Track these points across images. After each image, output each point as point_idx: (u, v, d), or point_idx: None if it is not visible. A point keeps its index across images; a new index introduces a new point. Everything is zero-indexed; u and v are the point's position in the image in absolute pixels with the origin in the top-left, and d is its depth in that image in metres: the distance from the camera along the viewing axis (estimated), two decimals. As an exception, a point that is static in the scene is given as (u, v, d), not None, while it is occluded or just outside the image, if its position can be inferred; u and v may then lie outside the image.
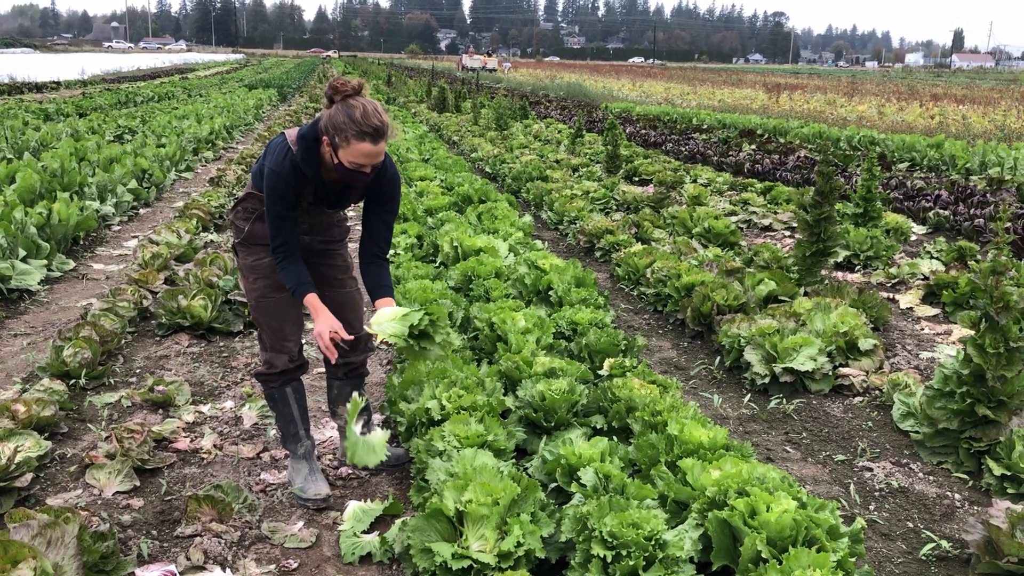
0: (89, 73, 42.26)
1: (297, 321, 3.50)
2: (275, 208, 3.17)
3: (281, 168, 3.14)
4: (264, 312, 3.42)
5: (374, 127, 2.97)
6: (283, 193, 3.15)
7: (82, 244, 7.98)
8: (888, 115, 21.74)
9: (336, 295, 3.53)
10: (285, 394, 3.53)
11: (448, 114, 22.73)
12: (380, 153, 3.04)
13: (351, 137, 2.97)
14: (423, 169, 11.11)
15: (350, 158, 3.01)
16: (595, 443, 3.51)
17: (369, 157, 3.02)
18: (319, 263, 3.50)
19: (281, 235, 3.21)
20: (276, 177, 3.14)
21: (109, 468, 3.65)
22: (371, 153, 3.01)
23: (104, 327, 5.08)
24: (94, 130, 15.77)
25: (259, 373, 3.54)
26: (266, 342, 3.49)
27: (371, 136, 2.97)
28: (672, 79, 45.50)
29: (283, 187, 3.14)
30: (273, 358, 3.48)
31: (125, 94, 26.72)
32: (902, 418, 4.31)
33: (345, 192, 3.32)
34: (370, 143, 2.98)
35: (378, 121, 2.98)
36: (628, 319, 6.22)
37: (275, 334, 3.45)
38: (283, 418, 3.57)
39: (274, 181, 3.14)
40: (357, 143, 2.98)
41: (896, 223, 8.60)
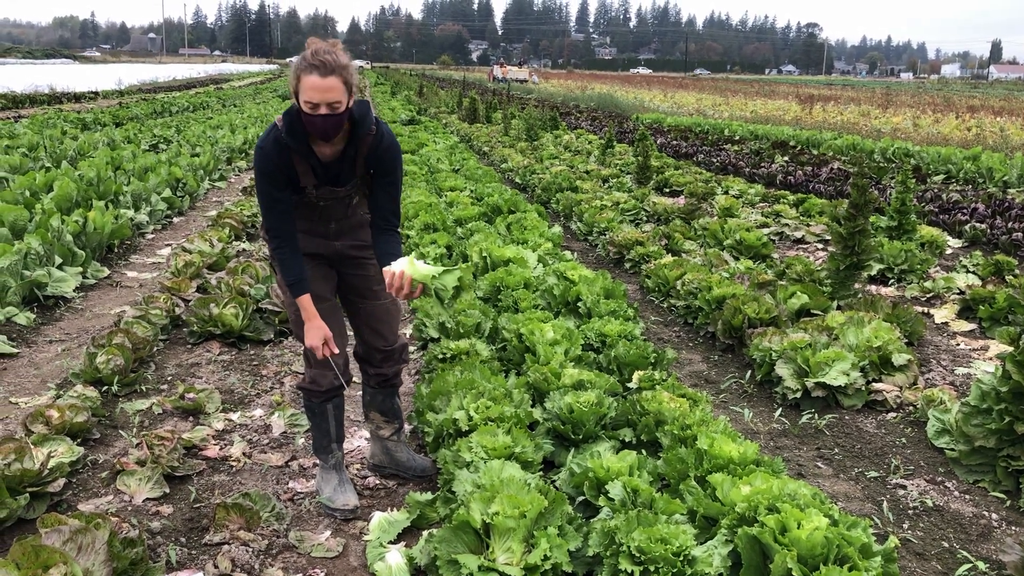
0: (126, 83, 42.95)
1: (341, 333, 3.44)
2: (264, 188, 3.14)
3: (265, 144, 3.11)
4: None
5: (321, 61, 2.90)
6: (269, 171, 3.10)
7: (116, 252, 8.08)
8: (923, 127, 21.49)
9: (369, 306, 3.50)
10: (325, 410, 3.52)
11: (479, 125, 22.80)
12: (331, 89, 2.91)
13: (301, 74, 2.93)
14: (453, 179, 11.14)
15: (304, 98, 2.93)
16: (623, 456, 3.49)
17: (319, 92, 2.91)
18: (351, 273, 3.46)
19: (272, 218, 3.17)
20: (260, 154, 3.11)
21: (139, 475, 3.68)
22: (319, 87, 2.90)
23: (137, 334, 5.13)
24: (130, 139, 16.01)
25: (303, 387, 3.52)
26: (311, 358, 3.43)
27: (318, 69, 2.90)
28: (704, 90, 45.33)
29: (268, 164, 3.09)
30: (319, 376, 3.44)
31: (161, 104, 27.12)
32: (937, 435, 4.23)
33: (343, 165, 3.21)
34: (317, 76, 2.90)
35: (328, 57, 2.91)
36: (658, 331, 6.18)
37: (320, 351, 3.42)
38: (318, 431, 3.57)
39: (258, 158, 3.12)
40: (306, 77, 2.91)
41: (931, 236, 8.47)
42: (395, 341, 3.61)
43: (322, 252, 3.37)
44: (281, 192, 3.14)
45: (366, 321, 3.52)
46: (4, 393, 4.73)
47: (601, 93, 39.33)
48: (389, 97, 37.93)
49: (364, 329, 3.56)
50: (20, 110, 26.43)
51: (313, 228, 3.33)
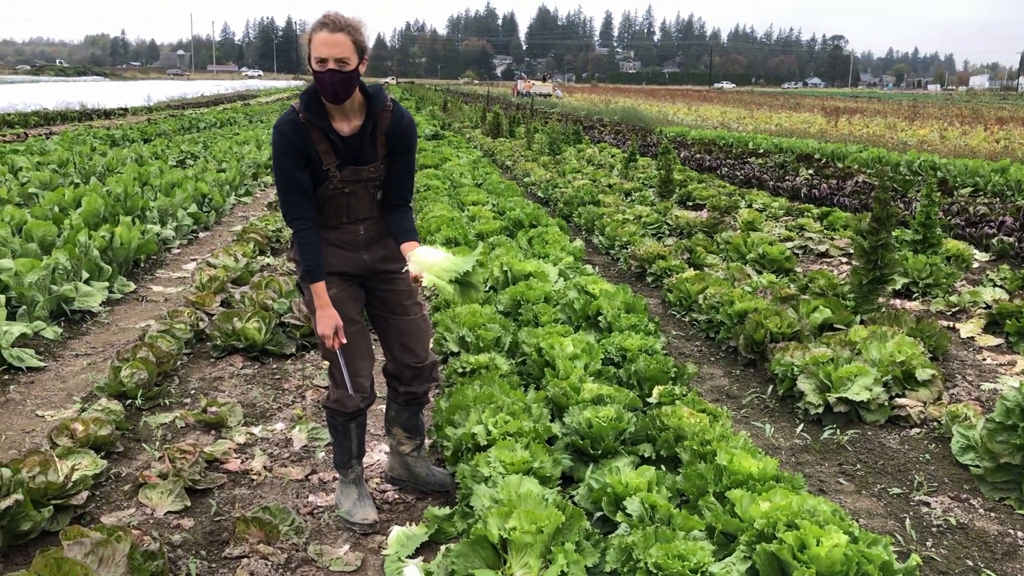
0: (155, 100, 43.57)
1: (369, 356, 3.46)
2: (281, 167, 3.12)
3: (281, 123, 3.13)
4: (330, 352, 3.36)
5: (331, 19, 3.01)
6: (287, 149, 3.10)
7: (143, 267, 8.18)
8: (950, 139, 21.29)
9: (400, 322, 3.49)
10: (348, 429, 3.53)
11: (502, 139, 22.88)
12: (338, 44, 2.99)
13: (311, 33, 3.03)
14: (475, 194, 11.18)
15: (314, 55, 3.00)
16: (642, 472, 3.48)
17: (327, 47, 2.99)
18: (381, 289, 3.45)
19: (291, 199, 3.16)
20: (277, 132, 3.12)
21: (161, 488, 3.71)
22: (327, 42, 2.99)
23: (161, 348, 5.19)
24: (157, 155, 16.23)
25: (328, 407, 3.52)
26: (337, 379, 3.43)
27: (327, 26, 3.00)
28: (728, 103, 45.23)
29: (285, 143, 3.10)
30: (345, 398, 3.43)
31: (188, 120, 27.48)
32: (961, 451, 4.18)
33: (363, 141, 3.20)
34: (327, 32, 2.99)
35: (336, 15, 3.03)
36: (679, 346, 6.16)
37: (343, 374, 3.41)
38: (340, 448, 3.58)
39: (276, 137, 3.12)
40: (315, 34, 3.00)
41: (957, 250, 8.39)
42: (426, 358, 3.58)
43: (352, 271, 3.35)
44: (300, 172, 3.13)
45: (396, 337, 3.50)
46: (31, 406, 4.80)
47: (625, 107, 39.35)
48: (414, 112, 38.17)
49: (395, 345, 3.53)
50: (52, 127, 26.90)
51: (341, 236, 3.30)
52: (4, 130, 24.62)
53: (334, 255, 3.30)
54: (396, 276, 3.43)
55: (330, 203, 3.24)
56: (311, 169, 3.15)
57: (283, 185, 3.15)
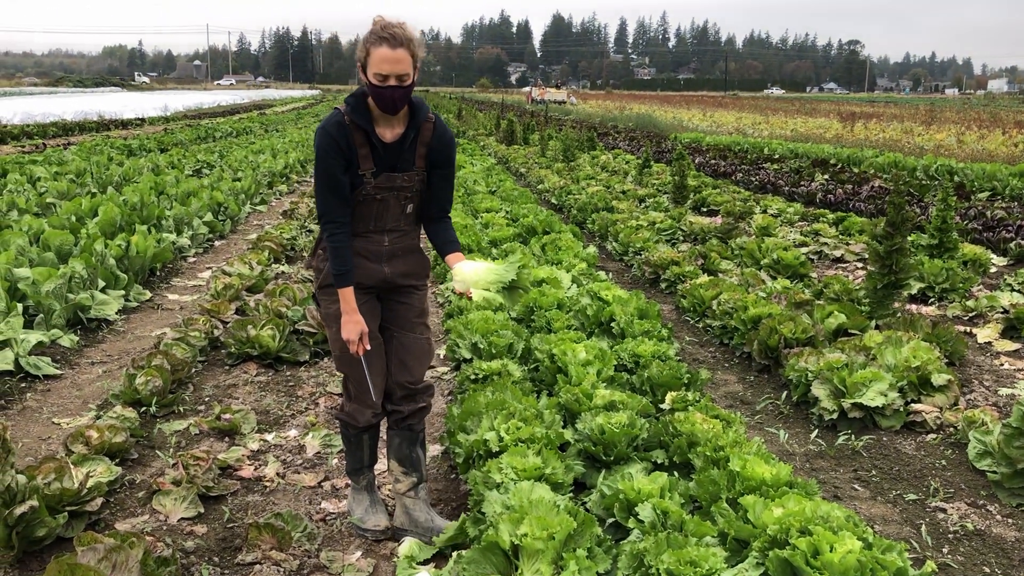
0: (172, 110, 43.87)
1: (383, 373, 3.41)
2: (324, 169, 3.11)
3: (327, 124, 3.12)
4: (350, 364, 3.33)
5: (391, 33, 2.96)
6: (332, 151, 3.09)
7: (159, 275, 8.24)
8: (968, 143, 21.15)
9: (405, 338, 3.43)
10: (361, 440, 3.54)
11: (516, 146, 22.91)
12: (400, 61, 2.97)
13: (370, 46, 2.98)
14: (489, 201, 11.20)
15: (374, 69, 2.97)
16: (655, 478, 3.46)
17: (389, 63, 2.96)
18: (396, 300, 3.42)
19: (330, 202, 3.13)
20: (322, 134, 3.11)
21: (175, 495, 3.73)
22: (390, 59, 2.95)
23: (175, 356, 5.22)
24: (174, 165, 16.35)
25: (341, 419, 3.52)
26: (351, 392, 3.43)
27: (388, 41, 2.95)
28: (743, 109, 45.12)
29: (331, 144, 3.09)
30: (357, 412, 3.43)
31: (205, 130, 27.67)
32: (978, 457, 4.14)
33: (403, 149, 3.20)
34: (388, 48, 2.95)
35: (397, 30, 2.97)
36: (693, 352, 6.14)
37: (360, 386, 3.37)
38: (352, 457, 3.59)
39: (320, 139, 3.10)
40: (376, 49, 2.96)
41: (974, 254, 8.32)
42: (420, 380, 3.49)
43: (370, 283, 3.30)
44: (342, 175, 3.11)
45: (396, 352, 3.43)
46: (47, 414, 4.84)
47: (640, 113, 39.32)
48: (428, 120, 38.17)
49: (393, 360, 3.44)
50: (70, 137, 27.17)
51: (366, 246, 3.26)
52: (23, 141, 24.89)
53: (356, 266, 3.26)
54: (413, 291, 3.42)
55: (360, 209, 3.21)
56: (350, 174, 3.15)
57: (324, 187, 3.13)
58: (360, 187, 3.16)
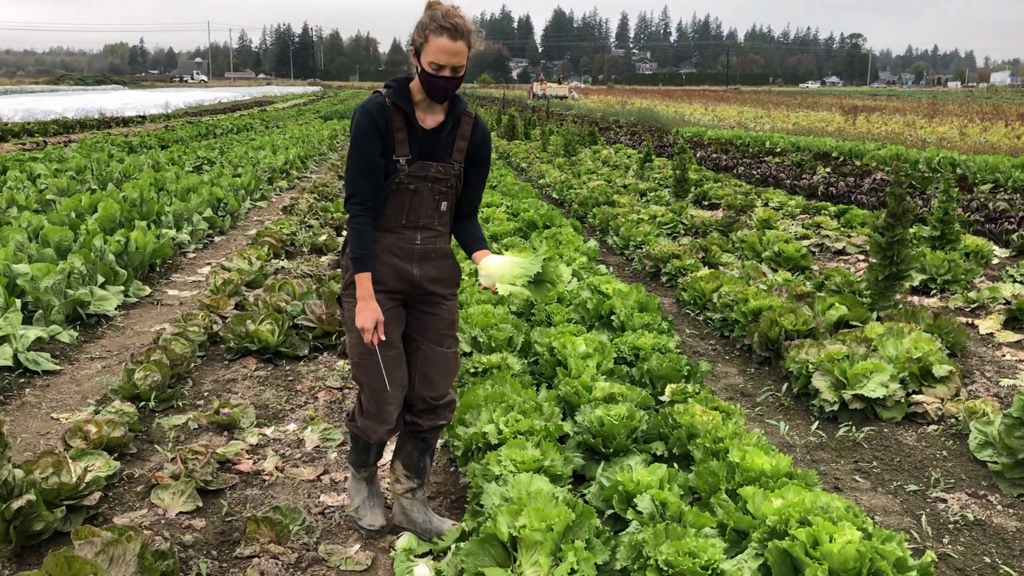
0: (173, 107, 43.89)
1: (403, 383, 3.24)
2: (359, 149, 3.02)
3: (368, 104, 3.04)
4: (367, 372, 3.15)
5: (453, 23, 2.90)
6: (371, 131, 3.00)
7: (158, 271, 8.23)
8: (970, 136, 21.10)
9: (432, 352, 3.26)
10: (370, 448, 3.44)
11: (517, 141, 22.89)
12: (458, 53, 2.92)
13: (430, 34, 2.91)
14: (490, 195, 11.18)
15: (430, 58, 2.91)
16: (653, 470, 3.45)
17: (448, 55, 2.90)
18: (424, 310, 3.24)
19: (360, 183, 3.03)
20: (362, 113, 3.02)
21: (173, 489, 3.72)
22: (449, 50, 2.90)
23: (174, 351, 5.21)
24: (174, 161, 16.34)
25: (352, 432, 3.39)
26: (364, 405, 3.27)
27: (449, 31, 2.89)
28: (746, 103, 45.03)
29: (370, 124, 3.00)
30: (370, 428, 3.27)
31: (206, 127, 27.66)
32: (979, 448, 4.12)
33: (440, 137, 3.10)
34: (448, 39, 2.89)
35: (459, 20, 2.92)
36: (694, 344, 6.12)
37: (377, 398, 3.20)
38: (357, 456, 3.49)
39: (361, 117, 3.02)
40: (435, 38, 2.90)
41: (976, 246, 8.30)
42: (444, 395, 3.33)
43: (398, 286, 3.15)
44: (378, 156, 3.02)
45: (421, 365, 3.26)
46: (46, 409, 4.83)
47: (641, 108, 39.27)
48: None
49: (416, 374, 3.27)
50: (71, 135, 27.18)
51: (397, 243, 3.12)
52: (24, 138, 24.90)
53: (384, 263, 3.11)
54: (442, 300, 3.25)
55: (392, 200, 3.08)
56: (385, 160, 3.05)
57: (357, 166, 3.03)
58: (394, 174, 3.05)
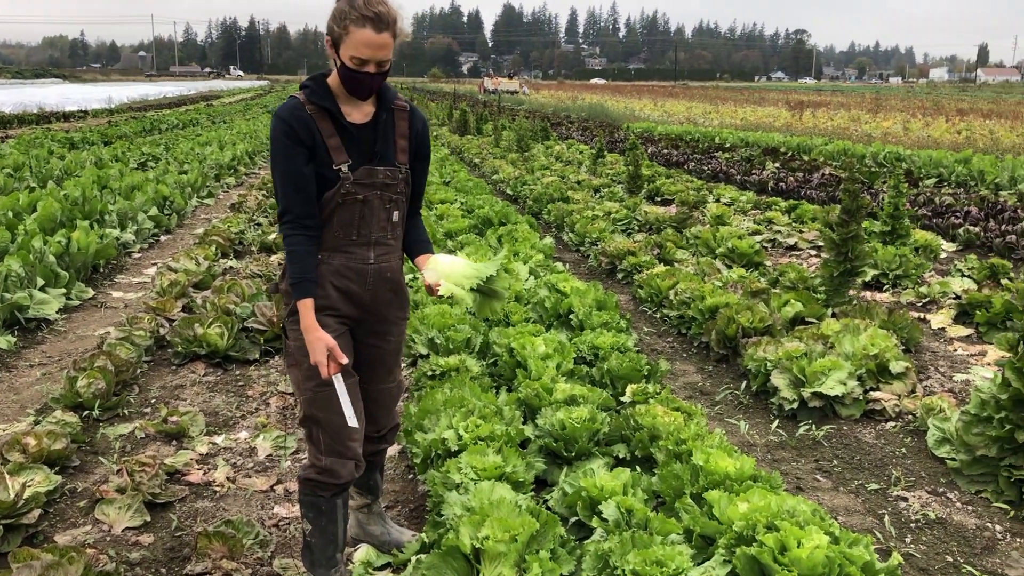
0: (116, 101, 42.86)
1: (361, 415, 2.86)
2: (282, 160, 2.61)
3: (283, 111, 2.64)
4: (324, 407, 2.74)
5: (376, 12, 2.51)
6: (291, 139, 2.60)
7: (102, 272, 7.97)
8: (914, 131, 21.50)
9: (374, 391, 2.96)
10: (335, 507, 2.86)
11: (470, 136, 22.76)
12: (384, 46, 2.54)
13: (350, 24, 2.51)
14: (444, 192, 11.06)
15: (351, 52, 2.52)
16: (617, 474, 3.39)
17: (371, 48, 2.52)
18: (371, 343, 2.89)
19: (291, 198, 2.62)
20: (277, 122, 2.63)
21: (119, 503, 3.57)
22: (373, 43, 2.52)
23: (119, 357, 5.02)
24: (118, 158, 15.91)
25: (312, 480, 2.81)
26: (323, 443, 2.78)
27: (372, 21, 2.50)
28: (694, 98, 45.41)
29: (289, 132, 2.60)
30: (336, 465, 2.79)
31: (150, 122, 27.04)
32: (937, 444, 4.14)
33: (376, 134, 2.72)
34: (372, 30, 2.51)
35: (382, 7, 2.53)
36: (651, 342, 6.09)
37: (337, 434, 2.76)
38: (323, 535, 2.88)
39: (278, 126, 2.62)
40: (357, 30, 2.51)
41: (925, 240, 8.41)
42: (388, 424, 3.08)
43: (350, 312, 2.78)
44: (305, 167, 2.62)
45: (365, 405, 2.93)
46: (-17, 420, 4.62)
47: (592, 103, 39.37)
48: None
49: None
50: (8, 130, 26.30)
51: (348, 263, 2.72)
52: (-41, 134, 24.07)
53: (334, 289, 2.73)
54: (392, 328, 2.91)
55: (341, 215, 2.68)
56: (319, 170, 2.64)
57: (284, 179, 2.62)
58: (338, 185, 2.65)
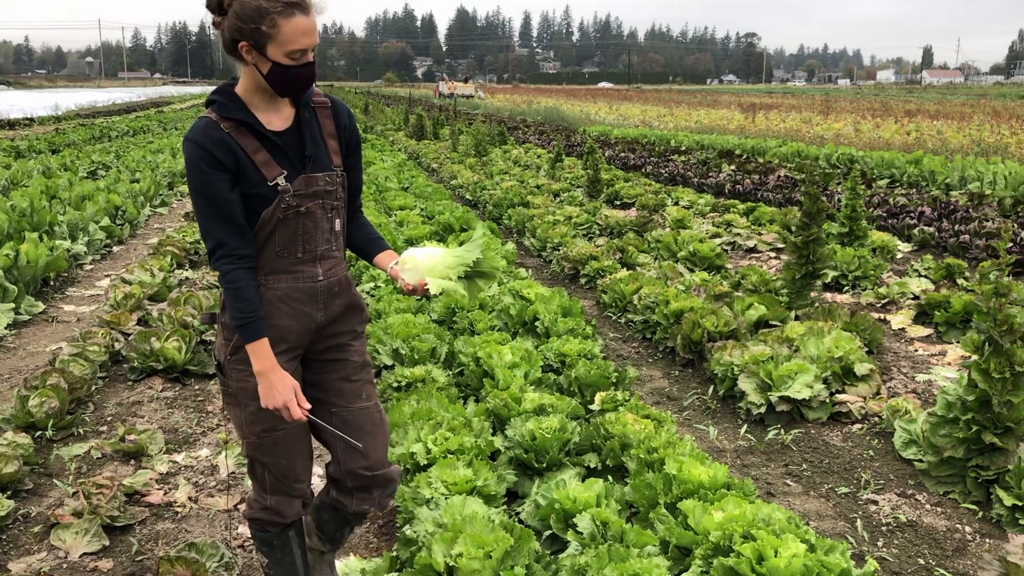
0: (64, 108, 41.94)
1: (310, 455, 2.65)
2: (204, 188, 2.29)
3: (195, 134, 2.32)
4: (269, 451, 2.52)
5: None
6: (211, 165, 2.29)
7: (52, 285, 7.75)
8: (864, 132, 21.84)
9: (350, 412, 2.60)
10: (287, 539, 2.65)
11: (427, 141, 22.64)
12: (315, 30, 2.30)
13: (277, 17, 2.22)
14: (402, 198, 10.96)
15: (287, 47, 2.25)
16: (590, 485, 3.35)
17: (308, 36, 2.27)
18: (327, 359, 2.59)
19: (219, 229, 2.32)
20: (191, 147, 2.30)
21: (76, 527, 3.44)
22: (308, 29, 2.27)
23: (73, 373, 4.87)
24: (67, 167, 15.53)
25: (258, 520, 2.61)
26: (268, 482, 2.58)
27: (299, 7, 2.25)
28: (648, 101, 45.73)
29: (207, 157, 2.29)
30: (282, 505, 2.59)
31: (100, 129, 26.47)
32: (904, 446, 4.17)
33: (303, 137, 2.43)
34: (302, 15, 2.25)
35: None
36: (617, 348, 6.07)
37: (284, 476, 2.57)
38: (281, 568, 2.66)
39: (192, 152, 2.30)
40: (287, 21, 2.23)
41: (882, 241, 8.52)
42: (382, 465, 2.65)
43: (300, 340, 2.49)
44: (229, 193, 2.31)
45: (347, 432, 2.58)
46: (-71, 442, 4.43)
47: (548, 107, 39.43)
48: (334, 116, 37.49)
49: (340, 443, 2.60)
50: (-49, 139, 25.59)
51: (296, 284, 2.44)
52: (-101, 144, 23.34)
53: (282, 315, 2.43)
54: (350, 345, 2.61)
55: (280, 232, 2.40)
56: (252, 191, 2.34)
57: (210, 211, 2.31)
58: (277, 200, 2.37)
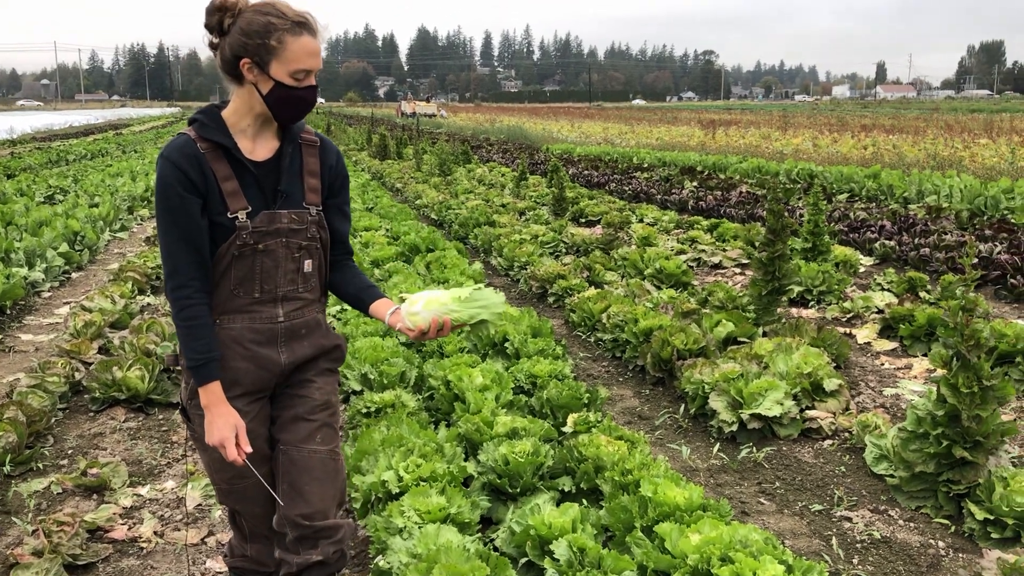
0: (19, 132, 41.26)
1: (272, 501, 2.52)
2: (174, 210, 2.20)
3: (171, 151, 2.22)
4: (241, 499, 2.47)
5: (304, 16, 2.25)
6: (183, 186, 2.19)
7: (9, 314, 7.57)
8: (823, 147, 22.17)
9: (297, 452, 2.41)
10: None
11: (390, 161, 22.57)
12: (319, 53, 2.28)
13: (284, 35, 2.19)
14: (368, 219, 10.90)
15: (292, 66, 2.21)
16: (565, 510, 3.31)
17: (313, 57, 2.25)
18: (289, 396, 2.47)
19: (182, 261, 2.22)
20: (165, 165, 2.20)
21: (36, 568, 3.33)
22: (314, 50, 2.25)
23: (31, 406, 4.74)
24: (23, 192, 15.24)
25: (239, 568, 2.61)
26: (246, 529, 2.55)
27: (306, 27, 2.24)
28: (609, 119, 46.08)
29: (177, 176, 2.19)
30: (262, 555, 2.56)
31: (56, 152, 26.08)
32: (875, 461, 4.18)
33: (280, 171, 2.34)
34: (309, 36, 2.23)
35: (302, 11, 2.27)
36: (587, 367, 6.05)
37: (260, 523, 2.51)
38: None
39: (166, 171, 2.20)
40: (293, 39, 2.20)
41: (845, 256, 8.61)
42: (325, 515, 2.42)
43: (261, 385, 2.40)
44: (197, 218, 2.21)
45: (286, 473, 2.41)
46: None
47: (511, 125, 39.54)
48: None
49: (282, 485, 2.42)
50: (-98, 164, 25.00)
51: (252, 325, 2.34)
52: None
53: (236, 356, 2.32)
54: (311, 383, 2.48)
55: (238, 269, 2.29)
56: (212, 218, 2.25)
57: (177, 236, 2.20)
58: (233, 236, 2.26)
